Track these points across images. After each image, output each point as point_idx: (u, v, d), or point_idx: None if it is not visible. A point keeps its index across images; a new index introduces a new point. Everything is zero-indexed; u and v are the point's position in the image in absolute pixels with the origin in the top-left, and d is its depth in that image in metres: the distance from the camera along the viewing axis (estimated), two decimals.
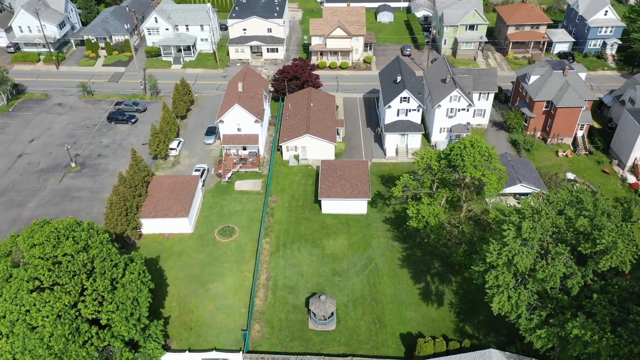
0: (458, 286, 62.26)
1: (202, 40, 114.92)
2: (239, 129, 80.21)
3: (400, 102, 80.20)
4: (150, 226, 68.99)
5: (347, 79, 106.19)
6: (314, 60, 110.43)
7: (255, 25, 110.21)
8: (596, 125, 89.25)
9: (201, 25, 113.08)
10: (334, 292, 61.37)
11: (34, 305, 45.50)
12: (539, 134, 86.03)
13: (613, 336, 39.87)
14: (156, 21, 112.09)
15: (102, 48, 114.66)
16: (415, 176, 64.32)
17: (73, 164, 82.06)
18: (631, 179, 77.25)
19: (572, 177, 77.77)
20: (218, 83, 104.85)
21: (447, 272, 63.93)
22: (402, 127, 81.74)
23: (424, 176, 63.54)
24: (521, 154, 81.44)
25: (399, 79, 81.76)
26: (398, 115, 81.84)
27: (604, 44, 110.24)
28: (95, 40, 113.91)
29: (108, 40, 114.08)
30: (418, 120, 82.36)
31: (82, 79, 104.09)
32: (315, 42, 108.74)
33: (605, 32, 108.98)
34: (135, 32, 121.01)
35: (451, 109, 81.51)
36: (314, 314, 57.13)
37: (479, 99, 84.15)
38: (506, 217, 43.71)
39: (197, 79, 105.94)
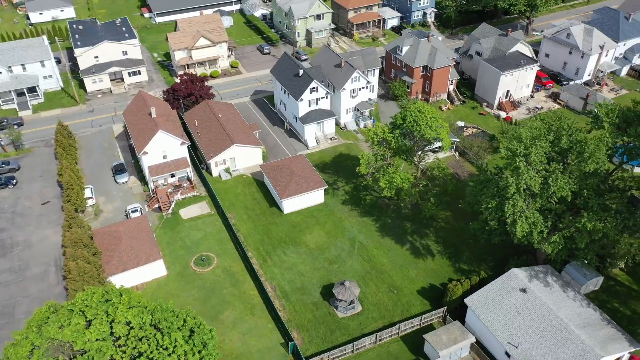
0: (435, 236, 69.78)
1: (45, 77, 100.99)
2: (164, 156, 74.86)
3: (310, 92, 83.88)
4: (121, 282, 61.20)
5: (223, 86, 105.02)
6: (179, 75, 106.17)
7: (109, 50, 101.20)
8: None
9: (41, 62, 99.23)
10: (341, 278, 63.48)
11: None
12: (420, 96, 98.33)
13: (611, 218, 51.37)
14: None
15: None
16: (374, 151, 69.34)
17: None
18: (502, 114, 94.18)
19: (462, 124, 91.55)
20: (89, 120, 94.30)
21: (420, 228, 70.97)
22: (317, 116, 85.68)
23: (381, 149, 69.06)
24: None
25: (301, 72, 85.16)
26: (310, 106, 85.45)
27: (424, 14, 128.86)
28: None
29: None
30: (328, 107, 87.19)
31: None
32: (180, 56, 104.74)
33: (424, 3, 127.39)
34: None
35: (353, 89, 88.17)
36: (339, 302, 58.73)
37: (367, 76, 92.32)
38: (517, 152, 51.68)
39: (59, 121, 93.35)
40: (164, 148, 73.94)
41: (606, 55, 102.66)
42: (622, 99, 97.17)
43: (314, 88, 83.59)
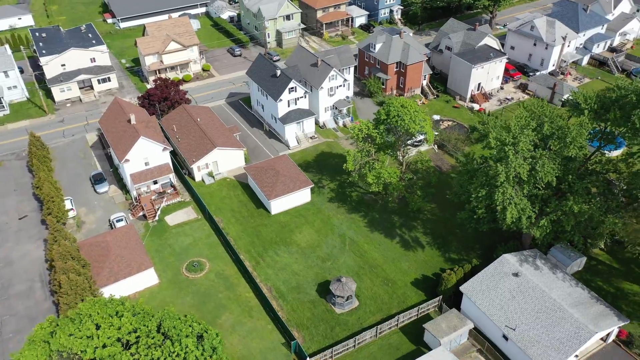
0: (423, 228, 71.10)
1: (9, 88, 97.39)
2: (146, 163, 73.49)
3: (289, 92, 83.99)
4: (113, 294, 59.72)
5: (197, 90, 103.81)
6: (152, 81, 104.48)
7: (76, 58, 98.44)
8: None
9: (5, 72, 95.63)
10: (335, 275, 63.92)
11: None
12: (395, 92, 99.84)
13: (595, 200, 53.72)
14: None
15: None
16: (359, 147, 70.06)
17: None
18: (475, 106, 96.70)
19: (437, 118, 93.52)
20: (60, 130, 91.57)
21: (407, 221, 72.18)
22: (296, 115, 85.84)
23: (366, 146, 69.89)
24: None
25: (278, 72, 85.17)
26: (289, 106, 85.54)
27: (391, 11, 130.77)
28: None
29: None
30: (307, 106, 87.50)
31: None
32: (151, 61, 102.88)
33: (390, 1, 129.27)
34: None
35: (331, 87, 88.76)
36: (336, 298, 59.19)
37: (343, 74, 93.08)
38: (506, 141, 53.29)
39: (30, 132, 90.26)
40: (146, 155, 72.59)
41: (568, 46, 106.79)
42: (586, 87, 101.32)
43: (292, 88, 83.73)
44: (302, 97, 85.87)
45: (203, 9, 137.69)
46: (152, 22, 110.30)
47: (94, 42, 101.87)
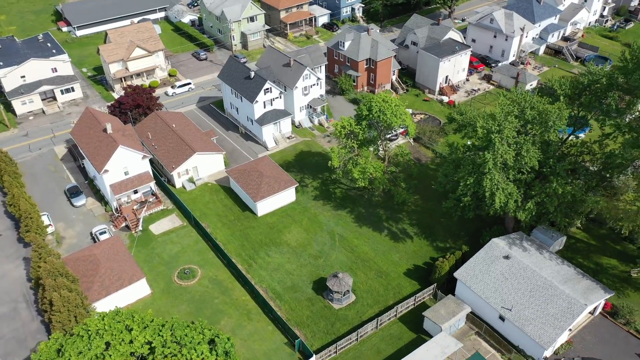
0: (409, 220, 72.53)
1: None
2: (126, 173, 71.68)
3: (265, 94, 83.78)
4: (105, 307, 58.13)
5: (166, 96, 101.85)
6: (119, 88, 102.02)
7: (36, 69, 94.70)
8: None
9: None
10: (329, 272, 64.37)
11: None
12: (366, 88, 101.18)
13: (577, 181, 56.43)
14: None
15: None
16: (343, 144, 70.73)
17: None
18: (445, 98, 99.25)
19: (410, 111, 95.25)
20: (26, 144, 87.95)
21: (393, 214, 73.45)
22: (273, 116, 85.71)
23: (349, 142, 70.67)
24: None
25: (252, 74, 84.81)
26: (265, 107, 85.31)
27: (353, 9, 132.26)
28: None
29: None
30: (283, 106, 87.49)
31: None
32: (115, 68, 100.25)
33: (351, 0, 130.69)
34: None
35: (305, 87, 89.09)
36: (334, 294, 59.68)
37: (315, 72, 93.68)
38: (492, 129, 55.13)
39: None
40: (125, 164, 70.82)
41: (526, 37, 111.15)
42: (545, 75, 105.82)
43: (267, 89, 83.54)
44: (277, 97, 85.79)
45: (162, 14, 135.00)
46: (114, 28, 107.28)
47: (54, 51, 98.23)
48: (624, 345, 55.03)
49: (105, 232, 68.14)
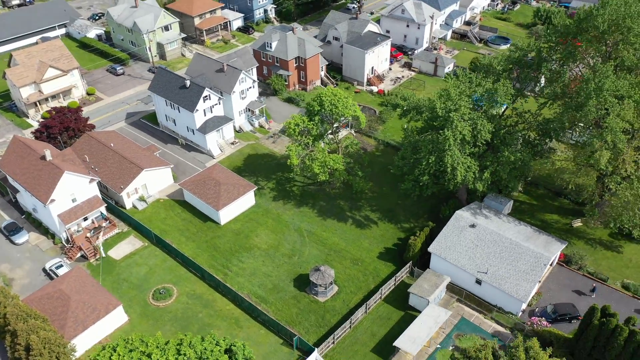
0: (370, 206, 74.99)
1: None
2: (73, 200, 67.06)
3: (204, 101, 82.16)
4: (83, 343, 54.50)
5: (90, 116, 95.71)
6: (33, 113, 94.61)
7: None
8: None
9: None
10: (306, 268, 64.99)
11: None
12: (298, 86, 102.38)
13: (525, 148, 61.98)
14: None
15: None
16: (298, 141, 71.48)
17: None
18: (374, 88, 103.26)
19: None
20: None
21: (353, 203, 75.51)
22: (215, 123, 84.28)
23: (304, 139, 71.65)
24: (301, 105, 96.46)
25: (188, 83, 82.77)
26: (205, 115, 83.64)
27: (265, 11, 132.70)
28: None
29: None
30: (222, 112, 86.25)
31: None
32: (28, 92, 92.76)
33: (263, 1, 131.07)
34: None
35: (242, 90, 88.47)
36: (318, 287, 60.55)
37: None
38: (453, 108, 58.72)
39: None
40: (72, 190, 66.26)
41: (435, 24, 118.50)
42: (457, 58, 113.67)
43: (206, 96, 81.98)
44: (216, 104, 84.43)
45: (62, 31, 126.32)
46: (16, 49, 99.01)
47: None
48: (583, 286, 61.49)
49: (62, 266, 63.35)
